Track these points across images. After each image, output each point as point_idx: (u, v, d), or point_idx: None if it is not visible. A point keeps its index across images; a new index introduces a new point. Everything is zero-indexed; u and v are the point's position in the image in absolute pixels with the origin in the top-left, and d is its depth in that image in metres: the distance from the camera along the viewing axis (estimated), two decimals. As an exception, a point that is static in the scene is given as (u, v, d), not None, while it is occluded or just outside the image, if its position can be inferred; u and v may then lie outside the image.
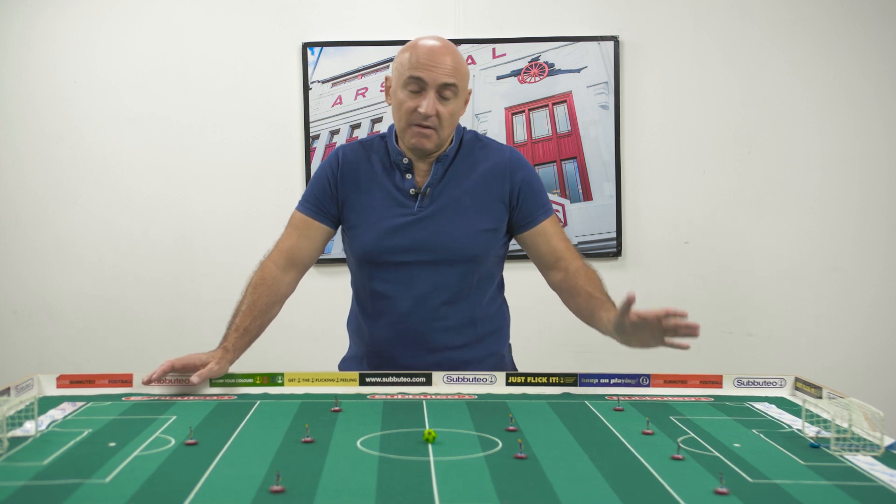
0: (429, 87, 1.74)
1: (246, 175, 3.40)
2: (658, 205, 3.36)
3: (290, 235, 1.91)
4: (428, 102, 1.74)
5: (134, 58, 3.38)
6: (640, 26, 3.34)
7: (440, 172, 1.84)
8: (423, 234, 1.82)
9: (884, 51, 3.32)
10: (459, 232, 1.82)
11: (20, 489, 1.08)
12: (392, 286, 1.84)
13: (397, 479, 1.12)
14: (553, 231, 1.89)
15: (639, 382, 1.74)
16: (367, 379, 1.73)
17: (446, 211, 1.83)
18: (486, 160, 1.87)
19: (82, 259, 3.40)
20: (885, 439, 1.29)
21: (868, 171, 3.34)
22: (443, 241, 1.81)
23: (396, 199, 1.84)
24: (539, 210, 1.88)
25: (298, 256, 1.90)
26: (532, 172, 1.91)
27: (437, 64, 1.74)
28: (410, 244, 1.82)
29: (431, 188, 1.83)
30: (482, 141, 1.92)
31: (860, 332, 3.36)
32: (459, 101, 1.80)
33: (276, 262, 1.88)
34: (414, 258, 1.82)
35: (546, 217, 1.88)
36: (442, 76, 1.74)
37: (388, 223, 1.83)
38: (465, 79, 1.80)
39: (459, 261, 1.83)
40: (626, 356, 3.33)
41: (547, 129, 3.34)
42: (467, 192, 1.84)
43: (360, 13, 3.37)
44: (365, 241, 1.85)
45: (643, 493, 1.07)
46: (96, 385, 1.71)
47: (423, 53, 1.75)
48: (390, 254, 1.83)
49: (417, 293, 1.83)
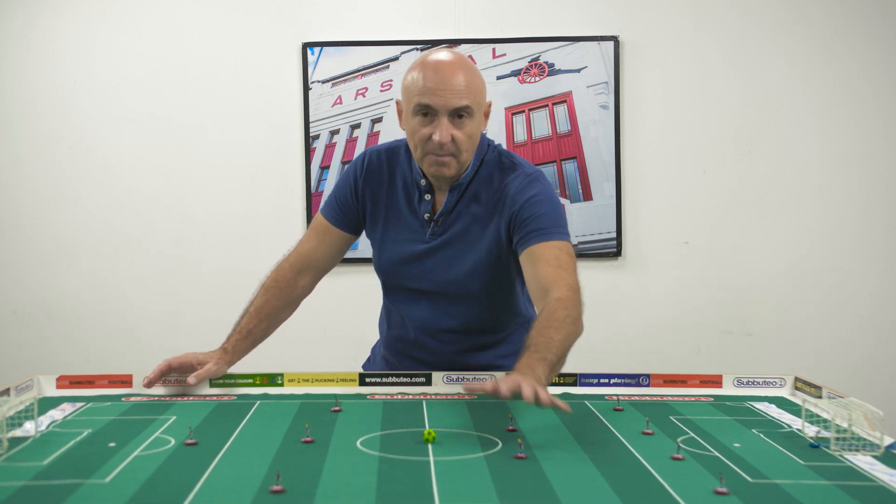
0: (440, 114, 1.62)
1: (246, 175, 3.40)
2: (658, 205, 3.36)
3: (309, 239, 1.87)
4: (441, 131, 1.61)
5: (134, 58, 3.38)
6: (640, 26, 3.34)
7: (453, 201, 1.74)
8: (431, 266, 1.76)
9: (884, 51, 3.32)
10: (463, 268, 1.73)
11: (20, 489, 1.08)
12: (403, 306, 1.82)
13: (397, 479, 1.12)
14: (543, 254, 1.63)
15: (639, 382, 1.74)
16: (367, 379, 1.73)
17: (455, 243, 1.74)
18: (501, 186, 1.72)
19: (82, 259, 3.40)
20: (885, 439, 1.29)
21: (868, 171, 3.34)
22: (447, 276, 1.75)
23: (410, 224, 1.77)
24: (533, 234, 1.65)
25: (316, 261, 1.85)
26: (541, 200, 1.68)
27: (447, 87, 1.60)
28: (418, 274, 1.77)
29: (444, 216, 1.75)
30: (504, 163, 1.75)
31: (860, 331, 3.36)
32: (476, 120, 1.67)
33: (293, 266, 1.84)
34: (421, 287, 1.78)
35: (541, 240, 1.64)
36: (453, 100, 1.61)
37: (400, 248, 1.78)
38: (480, 95, 1.67)
39: (463, 296, 1.76)
40: (626, 356, 3.36)
41: (547, 129, 3.34)
42: (477, 220, 1.73)
43: (360, 13, 3.37)
44: (381, 260, 1.82)
45: (643, 493, 1.07)
46: (96, 385, 1.71)
47: (431, 76, 1.61)
48: (401, 278, 1.80)
49: (423, 321, 1.79)
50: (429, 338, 1.81)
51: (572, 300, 1.56)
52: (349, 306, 3.29)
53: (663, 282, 3.37)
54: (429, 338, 1.81)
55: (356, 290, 3.20)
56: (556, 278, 1.59)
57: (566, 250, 1.65)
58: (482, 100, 1.69)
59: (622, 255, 3.36)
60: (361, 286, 3.03)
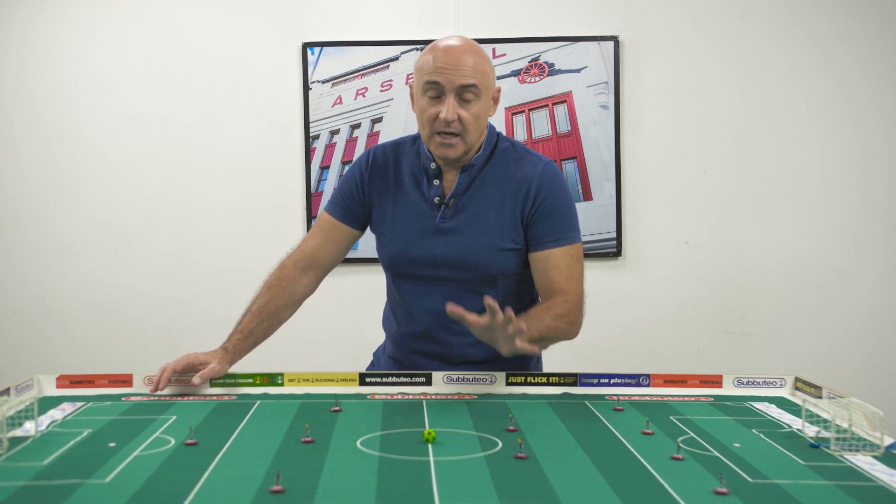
0: (447, 91, 1.66)
1: (246, 175, 3.40)
2: (658, 205, 3.36)
3: (314, 236, 1.86)
4: (448, 108, 1.65)
5: (134, 58, 3.38)
6: (640, 26, 3.34)
7: (465, 182, 1.75)
8: (443, 247, 1.75)
9: (884, 51, 3.32)
10: (478, 248, 1.73)
11: (20, 489, 1.08)
12: (413, 298, 1.81)
13: (397, 479, 1.12)
14: (557, 263, 1.72)
15: (639, 382, 1.74)
16: (367, 379, 1.73)
17: (468, 225, 1.74)
18: (517, 173, 1.75)
19: (82, 259, 3.40)
20: (885, 439, 1.29)
21: (868, 171, 3.34)
22: (461, 256, 1.74)
23: (420, 208, 1.77)
24: (549, 236, 1.73)
25: (320, 259, 1.85)
26: (559, 194, 1.75)
27: (455, 66, 1.65)
28: (430, 257, 1.76)
29: (456, 199, 1.75)
30: (518, 152, 1.79)
31: (860, 331, 3.36)
32: (484, 102, 1.71)
33: (297, 263, 1.84)
34: (434, 272, 1.76)
35: (556, 246, 1.73)
36: (459, 78, 1.65)
37: (411, 233, 1.77)
38: (487, 77, 1.71)
39: (478, 278, 1.75)
40: (626, 356, 3.36)
41: (547, 129, 3.34)
42: (493, 206, 1.74)
43: (360, 13, 3.37)
44: (390, 249, 1.81)
45: (643, 493, 1.07)
46: (96, 385, 1.71)
47: (440, 56, 1.67)
48: (412, 265, 1.78)
49: (436, 308, 1.72)
50: (442, 329, 1.78)
51: (577, 306, 1.71)
52: (349, 306, 3.30)
53: (663, 282, 3.37)
54: (442, 329, 1.78)
55: (356, 290, 3.20)
56: (566, 290, 1.71)
57: (577, 257, 1.75)
58: (490, 83, 1.73)
59: (622, 255, 3.36)
60: (361, 286, 3.04)
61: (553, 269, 1.72)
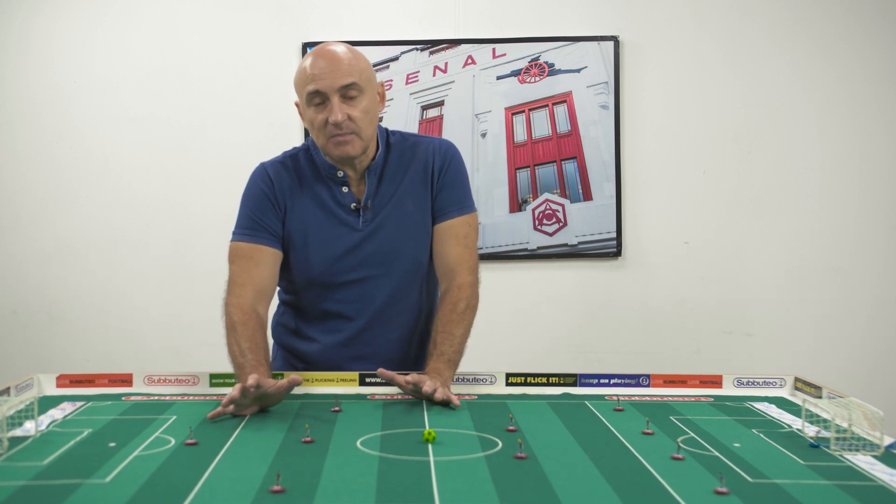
0: (330, 95, 1.67)
1: (246, 175, 3.35)
2: (658, 205, 3.36)
3: (243, 269, 1.75)
4: (335, 109, 1.67)
5: (134, 58, 3.38)
6: (640, 26, 3.34)
7: (374, 182, 1.79)
8: (373, 249, 1.78)
9: (884, 51, 3.32)
10: (408, 239, 1.79)
11: (20, 489, 1.08)
12: (348, 304, 1.80)
13: (397, 479, 1.12)
14: (457, 232, 1.81)
15: (639, 382, 1.74)
16: (367, 379, 1.73)
17: (391, 220, 1.79)
18: (417, 155, 1.83)
19: (82, 259, 3.40)
20: (885, 439, 1.29)
21: (868, 171, 3.34)
22: (393, 251, 1.78)
23: (339, 217, 1.78)
24: (454, 205, 1.82)
25: (265, 286, 1.76)
26: (457, 162, 1.85)
27: (330, 69, 1.67)
28: (361, 261, 1.78)
29: (371, 200, 1.78)
30: (409, 140, 1.86)
31: (860, 332, 3.36)
32: (369, 98, 1.72)
33: (250, 299, 1.71)
34: (367, 273, 1.78)
35: (459, 214, 1.82)
36: (338, 79, 1.67)
37: (335, 244, 1.77)
38: (365, 73, 1.72)
39: (413, 268, 1.81)
40: (626, 356, 3.36)
41: (547, 129, 3.34)
42: (407, 192, 1.80)
43: (359, 13, 3.37)
44: (314, 264, 1.78)
45: (643, 493, 1.07)
46: (96, 385, 1.71)
47: (314, 63, 1.69)
48: (343, 274, 1.78)
49: (375, 307, 1.80)
50: (378, 326, 1.80)
51: (472, 285, 1.79)
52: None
53: (663, 282, 3.37)
54: (378, 326, 1.80)
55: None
56: (462, 260, 1.80)
57: (474, 225, 1.86)
58: (370, 78, 1.74)
59: (622, 255, 3.36)
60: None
61: (451, 240, 1.81)
